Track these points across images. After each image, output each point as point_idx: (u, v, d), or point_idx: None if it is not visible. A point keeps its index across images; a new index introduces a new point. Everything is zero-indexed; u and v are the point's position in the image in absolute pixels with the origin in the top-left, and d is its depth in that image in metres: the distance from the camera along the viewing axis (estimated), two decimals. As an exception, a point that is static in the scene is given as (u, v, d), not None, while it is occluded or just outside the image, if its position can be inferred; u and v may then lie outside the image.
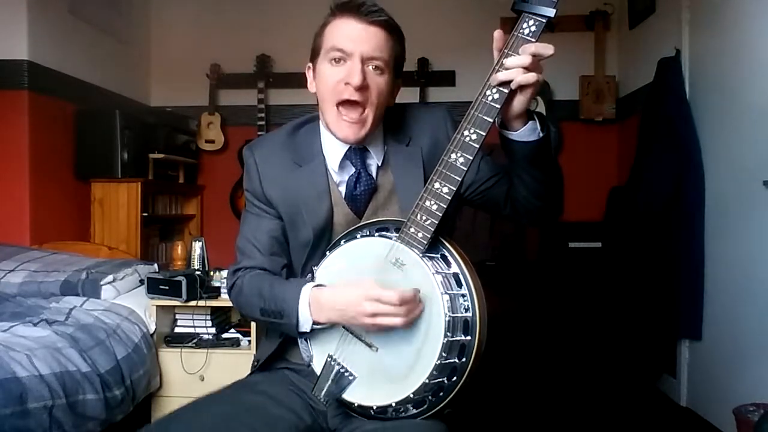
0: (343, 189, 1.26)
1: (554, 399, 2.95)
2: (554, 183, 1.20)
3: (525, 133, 1.10)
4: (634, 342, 3.07)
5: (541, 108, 3.74)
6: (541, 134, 1.10)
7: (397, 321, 1.05)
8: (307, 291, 1.16)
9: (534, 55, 1.01)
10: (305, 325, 1.16)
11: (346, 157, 1.25)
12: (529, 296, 3.33)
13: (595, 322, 3.31)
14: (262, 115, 3.91)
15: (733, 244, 2.49)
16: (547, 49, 1.02)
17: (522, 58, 1.02)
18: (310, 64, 1.27)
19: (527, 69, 1.01)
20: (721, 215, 2.60)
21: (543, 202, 1.21)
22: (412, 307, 1.06)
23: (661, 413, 2.83)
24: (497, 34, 1.06)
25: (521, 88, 1.04)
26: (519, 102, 1.06)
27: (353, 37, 1.17)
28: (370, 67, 1.18)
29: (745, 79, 2.42)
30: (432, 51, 3.89)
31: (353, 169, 1.25)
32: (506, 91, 1.04)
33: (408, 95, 3.66)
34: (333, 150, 1.26)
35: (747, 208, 2.38)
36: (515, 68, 1.02)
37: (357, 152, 1.25)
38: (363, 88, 1.16)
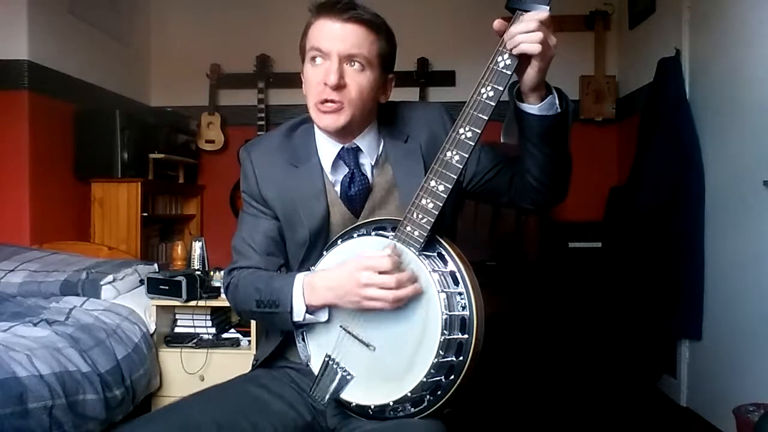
0: (338, 189, 1.26)
1: (554, 399, 2.95)
2: (565, 162, 1.20)
3: (544, 107, 1.09)
4: (634, 342, 3.07)
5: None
6: (559, 110, 1.10)
7: (388, 294, 1.06)
8: (300, 277, 1.18)
9: (536, 22, 1.02)
10: (298, 314, 1.16)
11: (339, 156, 1.26)
12: (529, 296, 3.32)
13: (595, 322, 3.31)
14: (262, 115, 3.92)
15: (733, 244, 2.49)
16: (541, 13, 1.02)
17: (524, 25, 1.03)
18: (302, 67, 1.27)
19: (527, 32, 1.02)
20: (721, 215, 2.60)
21: (552, 182, 1.20)
22: (402, 277, 1.06)
23: (661, 413, 2.83)
24: (497, 23, 1.07)
25: (529, 58, 1.04)
26: (530, 75, 1.06)
27: (330, 37, 1.17)
28: (350, 65, 1.17)
29: (745, 79, 2.42)
30: (432, 51, 3.89)
31: (347, 169, 1.26)
32: (501, 88, 1.05)
33: (408, 95, 3.66)
34: (326, 150, 1.27)
35: (747, 208, 2.38)
36: (519, 34, 1.02)
37: (350, 152, 1.25)
38: (340, 87, 1.16)
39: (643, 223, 2.93)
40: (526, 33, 1.02)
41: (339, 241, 1.18)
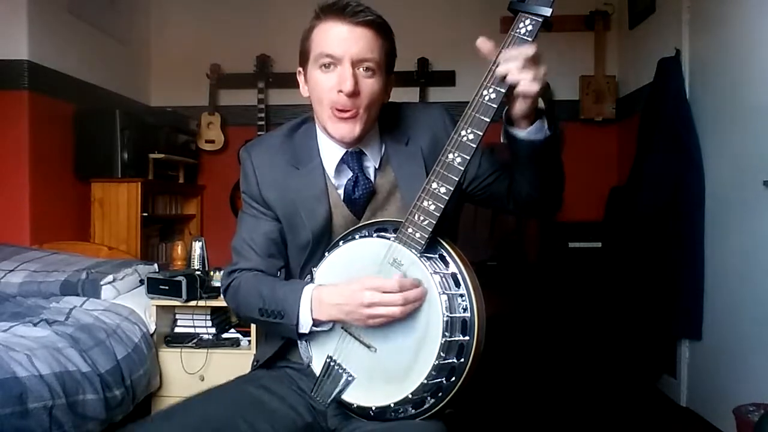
0: (341, 192, 1.26)
1: (554, 399, 2.95)
2: (556, 179, 1.20)
3: (531, 131, 1.09)
4: (634, 342, 3.07)
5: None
6: (548, 133, 1.09)
7: (395, 311, 1.05)
8: (309, 290, 1.16)
9: (525, 59, 1.00)
10: (304, 326, 1.16)
11: (342, 161, 1.25)
12: (529, 296, 3.33)
13: (595, 322, 3.31)
14: (262, 115, 3.92)
15: (733, 244, 2.49)
16: (529, 49, 1.01)
17: (515, 53, 1.01)
18: (300, 69, 1.25)
19: (522, 68, 1.00)
20: (721, 215, 2.60)
21: (543, 197, 1.21)
22: (411, 295, 1.06)
23: (661, 413, 2.83)
24: (480, 41, 1.05)
25: (520, 95, 1.03)
26: (520, 108, 1.06)
27: (341, 41, 1.15)
28: (361, 70, 1.16)
29: (744, 79, 2.42)
30: (432, 51, 3.89)
31: (351, 173, 1.25)
32: (503, 90, 1.04)
33: (408, 95, 3.66)
34: (330, 154, 1.26)
35: (747, 208, 2.38)
36: (511, 61, 1.01)
37: (354, 156, 1.24)
38: (355, 94, 1.15)
39: (644, 223, 2.93)
40: (514, 60, 1.00)
41: (341, 243, 1.18)
